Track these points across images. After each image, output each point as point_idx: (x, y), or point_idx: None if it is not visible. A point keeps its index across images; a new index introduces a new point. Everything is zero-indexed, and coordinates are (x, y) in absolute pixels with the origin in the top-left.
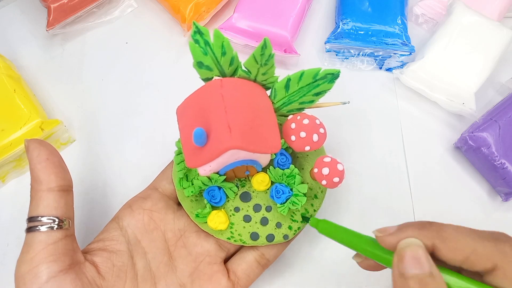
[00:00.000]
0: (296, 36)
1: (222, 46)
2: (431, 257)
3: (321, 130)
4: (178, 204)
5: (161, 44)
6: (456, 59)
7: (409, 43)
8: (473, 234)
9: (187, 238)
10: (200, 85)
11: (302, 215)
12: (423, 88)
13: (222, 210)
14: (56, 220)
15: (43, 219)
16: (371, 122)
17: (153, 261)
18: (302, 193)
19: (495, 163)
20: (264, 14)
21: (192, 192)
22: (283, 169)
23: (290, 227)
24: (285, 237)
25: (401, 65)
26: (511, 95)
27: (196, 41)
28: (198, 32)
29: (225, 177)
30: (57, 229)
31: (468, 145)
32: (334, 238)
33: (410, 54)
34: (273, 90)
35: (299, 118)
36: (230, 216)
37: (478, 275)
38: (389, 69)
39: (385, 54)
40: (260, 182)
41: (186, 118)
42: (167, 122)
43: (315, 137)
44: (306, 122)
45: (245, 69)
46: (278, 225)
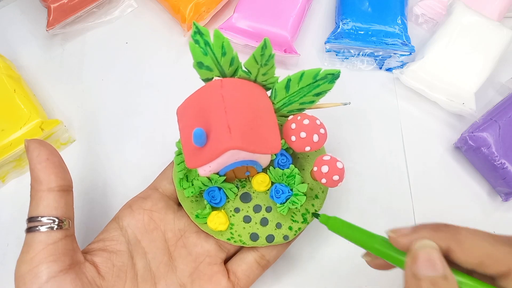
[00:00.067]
0: (296, 36)
1: (222, 47)
2: (445, 259)
3: (322, 130)
4: (179, 205)
5: (161, 44)
6: (456, 59)
7: (409, 43)
8: (489, 238)
9: (187, 238)
10: (200, 85)
11: (306, 211)
12: (423, 88)
13: (222, 210)
14: (56, 220)
15: (43, 219)
16: (371, 122)
17: (153, 261)
18: (302, 193)
19: (495, 163)
20: (264, 14)
21: (192, 192)
22: (283, 169)
23: (290, 228)
24: (285, 237)
25: (401, 65)
26: (511, 95)
27: (196, 42)
28: (198, 33)
29: (225, 177)
30: (57, 229)
31: (468, 145)
32: (344, 236)
33: (410, 54)
34: (273, 90)
35: (299, 118)
36: (230, 216)
37: (490, 279)
38: (389, 69)
39: (385, 54)
40: (260, 183)
41: (186, 119)
42: (167, 122)
43: (316, 137)
44: (307, 122)
45: (245, 69)
46: (278, 225)
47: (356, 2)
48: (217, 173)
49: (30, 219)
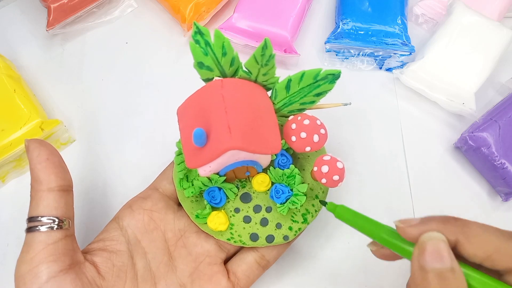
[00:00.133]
0: (296, 36)
1: (223, 47)
2: (452, 252)
3: (322, 130)
4: (179, 205)
5: (161, 44)
6: (456, 59)
7: (409, 43)
8: (497, 233)
9: (187, 238)
10: (200, 85)
11: (306, 211)
12: (423, 88)
13: (222, 211)
14: (56, 220)
15: (43, 219)
16: (371, 122)
17: (153, 261)
18: (302, 193)
19: (495, 163)
20: (264, 14)
21: (192, 192)
22: (283, 170)
23: (290, 228)
24: (285, 238)
25: (401, 65)
26: (511, 95)
27: (197, 42)
28: (199, 33)
29: (225, 178)
30: (57, 229)
31: (468, 145)
32: (351, 224)
33: (410, 54)
34: (274, 90)
35: (299, 118)
36: (230, 217)
37: (497, 274)
38: (389, 69)
39: (385, 54)
40: (261, 183)
41: (186, 119)
42: (167, 122)
43: (316, 137)
44: (307, 122)
45: (246, 69)
46: (278, 225)
47: (356, 2)
48: (217, 173)
49: (30, 219)
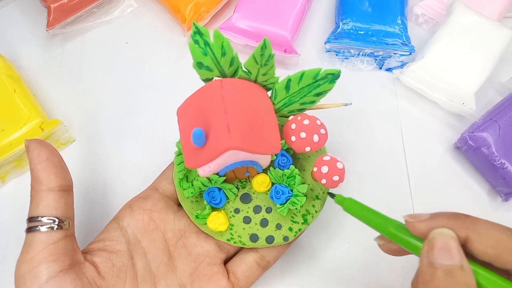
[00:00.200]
0: (296, 36)
1: (222, 47)
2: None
3: (322, 130)
4: (179, 205)
5: (161, 44)
6: (456, 59)
7: (409, 43)
8: (508, 232)
9: (187, 239)
10: (200, 85)
11: (306, 212)
12: (423, 88)
13: (222, 211)
14: (56, 220)
15: (43, 219)
16: (371, 122)
17: (153, 261)
18: (302, 193)
19: (495, 163)
20: (264, 14)
21: (192, 193)
22: (283, 170)
23: (290, 229)
24: (285, 238)
25: (401, 65)
26: (511, 95)
27: (196, 42)
28: (198, 33)
29: (224, 178)
30: (57, 229)
31: (468, 145)
32: (359, 217)
33: (410, 54)
34: (273, 90)
35: (299, 118)
36: (230, 217)
37: (506, 274)
38: (389, 69)
39: (385, 54)
40: (261, 183)
41: (186, 119)
42: (167, 122)
43: (316, 137)
44: (307, 122)
45: (246, 69)
46: (278, 226)
47: (356, 2)
48: (217, 174)
49: (30, 219)
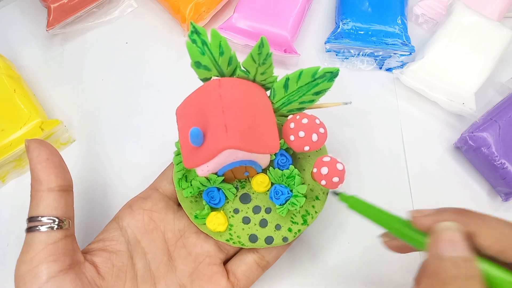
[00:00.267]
0: (296, 36)
1: (220, 46)
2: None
3: (321, 130)
4: (178, 205)
5: (161, 44)
6: (456, 59)
7: (409, 43)
8: None
9: (187, 239)
10: (200, 85)
11: (306, 213)
12: (423, 88)
13: (221, 211)
14: (56, 220)
15: (43, 219)
16: (371, 122)
17: (153, 261)
18: (302, 194)
19: (495, 163)
20: (264, 14)
21: (191, 193)
22: (283, 170)
23: (289, 229)
24: (285, 239)
25: (401, 65)
26: (511, 95)
27: (194, 41)
28: (195, 32)
29: (223, 177)
30: (57, 229)
31: (468, 145)
32: (364, 214)
33: (410, 54)
34: (272, 90)
35: (298, 117)
36: (229, 217)
37: (510, 267)
38: (389, 69)
39: (385, 54)
40: (260, 183)
41: (184, 119)
42: (167, 122)
43: (315, 136)
44: (305, 121)
45: (244, 69)
46: (278, 227)
47: (356, 2)
48: (216, 173)
49: (30, 219)
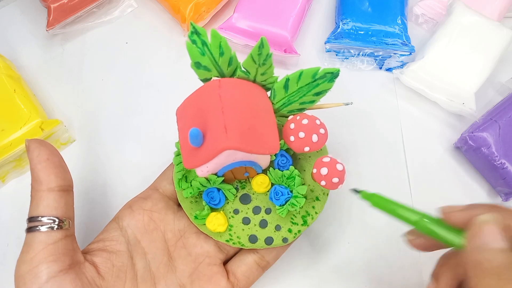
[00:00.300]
0: (296, 36)
1: (220, 46)
2: None
3: (321, 130)
4: (179, 205)
5: (161, 44)
6: (456, 59)
7: (409, 43)
8: None
9: (187, 239)
10: (200, 85)
11: (306, 213)
12: (423, 88)
13: (221, 212)
14: (56, 220)
15: (43, 219)
16: (371, 122)
17: (152, 262)
18: (302, 195)
19: (495, 163)
20: (264, 14)
21: (191, 193)
22: (283, 171)
23: (289, 230)
24: (285, 240)
25: (401, 65)
26: (511, 95)
27: (193, 41)
28: (195, 32)
29: (223, 178)
30: (57, 229)
31: (468, 145)
32: (389, 212)
33: (410, 54)
34: (272, 90)
35: (298, 118)
36: (229, 218)
37: None
38: (389, 69)
39: (385, 54)
40: (260, 184)
41: (184, 119)
42: (167, 122)
43: (315, 137)
44: (305, 122)
45: (244, 69)
46: (278, 227)
47: (356, 2)
48: (216, 174)
49: (30, 219)
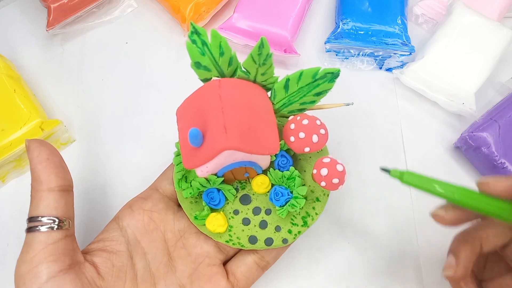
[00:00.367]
0: (296, 36)
1: (220, 46)
2: None
3: (322, 131)
4: (179, 205)
5: (161, 44)
6: (456, 59)
7: (409, 43)
8: None
9: (187, 239)
10: (200, 85)
11: (306, 214)
12: (423, 88)
13: (221, 212)
14: (56, 220)
15: (43, 219)
16: (371, 122)
17: (152, 262)
18: (302, 195)
19: (495, 163)
20: (264, 14)
21: (191, 193)
22: (283, 171)
23: (289, 231)
24: (284, 241)
25: (401, 65)
26: (511, 95)
27: (194, 41)
28: (195, 32)
29: (223, 178)
30: (57, 229)
31: (468, 145)
32: (422, 188)
33: (410, 54)
34: (272, 90)
35: (299, 118)
36: (229, 218)
37: None
38: (389, 69)
39: (385, 54)
40: (260, 185)
41: (184, 119)
42: (167, 122)
43: (315, 138)
44: (306, 122)
45: (244, 69)
46: (277, 228)
47: (356, 2)
48: (216, 174)
49: (30, 219)
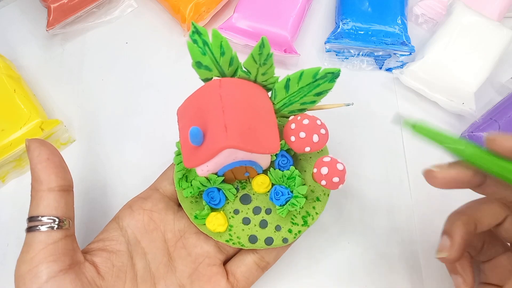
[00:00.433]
0: (296, 36)
1: (221, 46)
2: None
3: (322, 131)
4: (179, 205)
5: (161, 44)
6: (456, 59)
7: (409, 43)
8: None
9: (187, 239)
10: (200, 85)
11: (306, 214)
12: (423, 88)
13: (221, 212)
14: (56, 220)
15: (43, 219)
16: (371, 122)
17: (152, 262)
18: (302, 195)
19: None
20: (264, 14)
21: (191, 193)
22: (283, 171)
23: (290, 230)
24: (285, 240)
25: (401, 65)
26: (511, 95)
27: (195, 41)
28: (196, 32)
29: (223, 178)
30: (57, 229)
31: None
32: (430, 138)
33: (410, 54)
34: (273, 90)
35: (299, 118)
36: (229, 218)
37: None
38: (389, 69)
39: (385, 54)
40: (260, 184)
41: (185, 119)
42: (167, 122)
43: (315, 137)
44: (306, 122)
45: (245, 69)
46: (278, 228)
47: (356, 2)
48: (216, 174)
49: (31, 219)
